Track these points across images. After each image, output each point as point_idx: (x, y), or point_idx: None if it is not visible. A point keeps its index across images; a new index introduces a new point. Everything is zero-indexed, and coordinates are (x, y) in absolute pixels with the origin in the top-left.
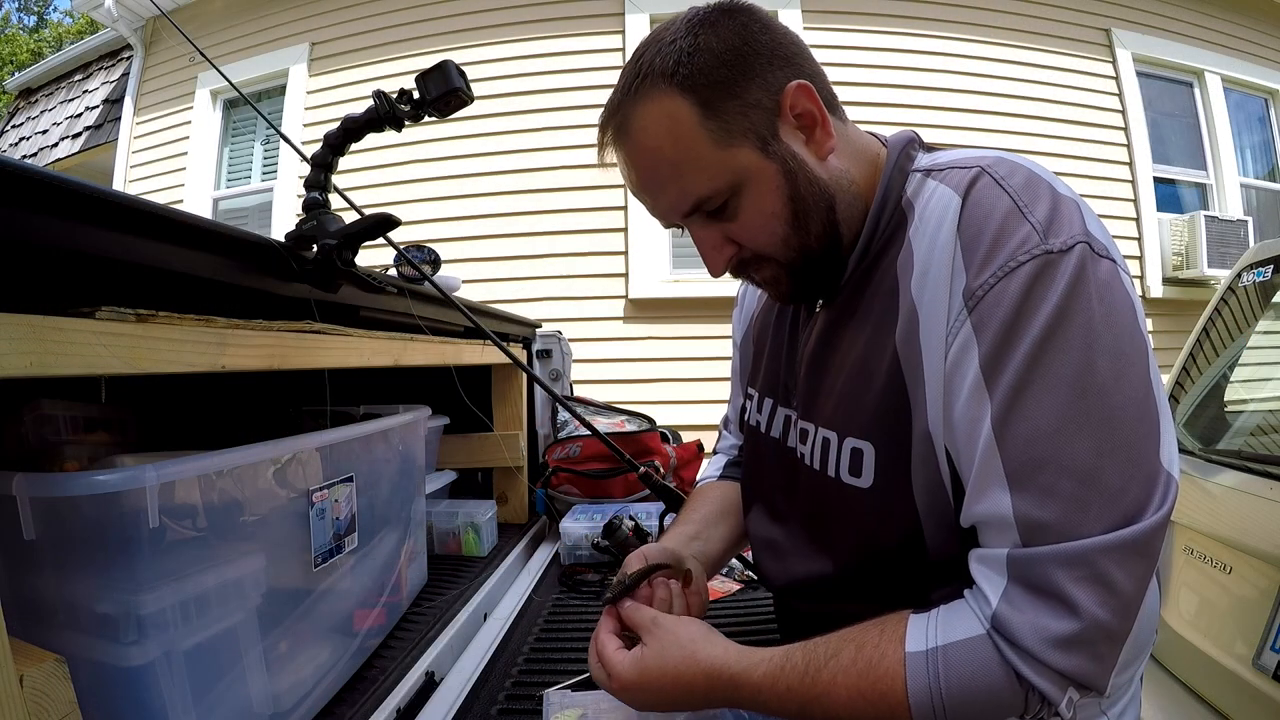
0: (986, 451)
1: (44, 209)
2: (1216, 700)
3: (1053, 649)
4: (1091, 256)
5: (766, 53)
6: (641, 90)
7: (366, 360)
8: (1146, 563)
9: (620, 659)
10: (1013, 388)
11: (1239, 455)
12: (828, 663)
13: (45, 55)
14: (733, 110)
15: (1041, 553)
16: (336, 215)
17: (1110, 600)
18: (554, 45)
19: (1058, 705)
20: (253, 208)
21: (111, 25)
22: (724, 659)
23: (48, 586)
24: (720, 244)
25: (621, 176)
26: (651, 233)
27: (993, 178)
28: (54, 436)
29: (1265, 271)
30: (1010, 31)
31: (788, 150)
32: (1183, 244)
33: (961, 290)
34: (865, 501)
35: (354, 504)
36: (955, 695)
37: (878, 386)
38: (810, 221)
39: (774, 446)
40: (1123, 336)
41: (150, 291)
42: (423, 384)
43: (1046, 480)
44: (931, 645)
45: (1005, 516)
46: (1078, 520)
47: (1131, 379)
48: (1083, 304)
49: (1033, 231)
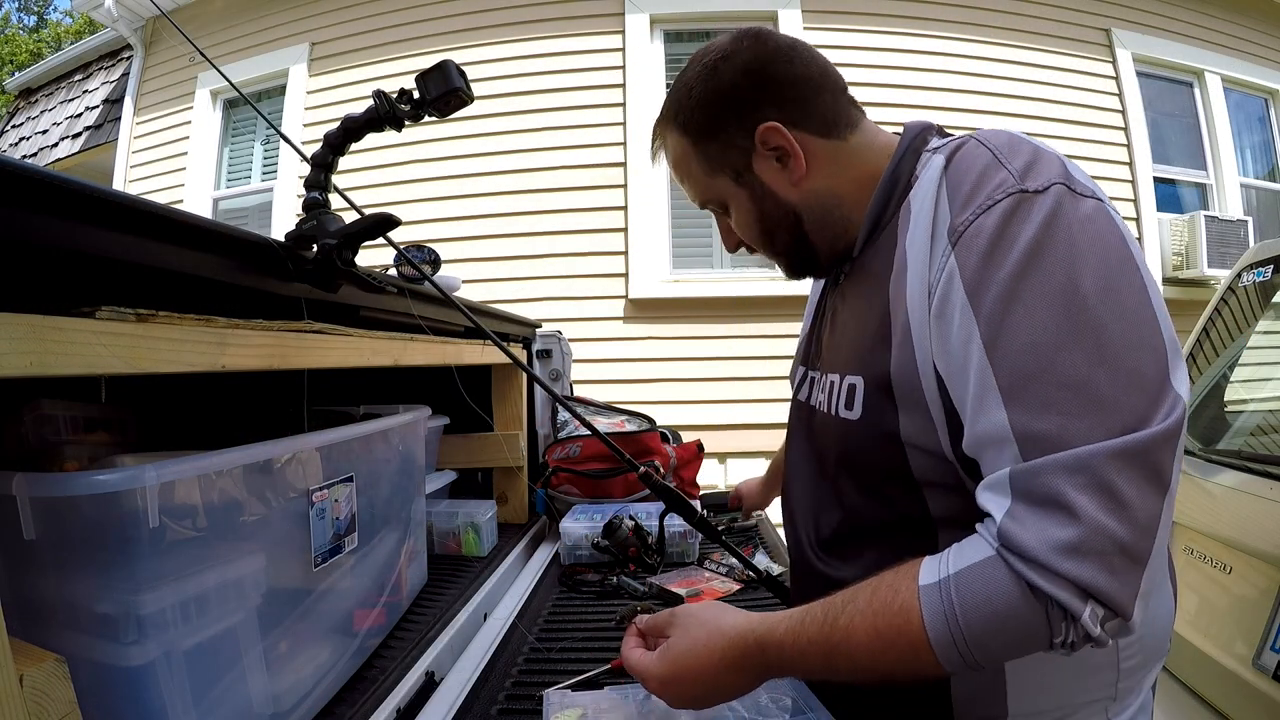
0: (980, 371)
1: (44, 209)
2: (1216, 700)
3: (1060, 555)
4: (1070, 195)
5: (749, 99)
6: (665, 121)
7: (366, 360)
8: (1152, 476)
9: (648, 658)
10: (997, 307)
11: (1239, 455)
12: (845, 608)
13: (45, 55)
14: (713, 149)
15: (1041, 463)
16: (336, 215)
17: (1115, 509)
18: (554, 45)
19: (1080, 616)
20: (253, 208)
21: (111, 25)
22: (747, 624)
23: (48, 586)
24: (729, 231)
25: None
26: (651, 233)
27: (978, 140)
28: (54, 436)
29: (1265, 271)
30: (1010, 31)
31: (758, 180)
32: (1183, 244)
33: (946, 230)
34: (854, 430)
35: (354, 504)
36: (973, 620)
37: (871, 327)
38: (776, 232)
39: (798, 408)
40: (1109, 260)
41: (150, 291)
42: (423, 384)
43: (1040, 391)
44: (944, 575)
45: (1003, 431)
46: (1074, 429)
47: (1122, 298)
48: (1063, 230)
49: (1009, 175)
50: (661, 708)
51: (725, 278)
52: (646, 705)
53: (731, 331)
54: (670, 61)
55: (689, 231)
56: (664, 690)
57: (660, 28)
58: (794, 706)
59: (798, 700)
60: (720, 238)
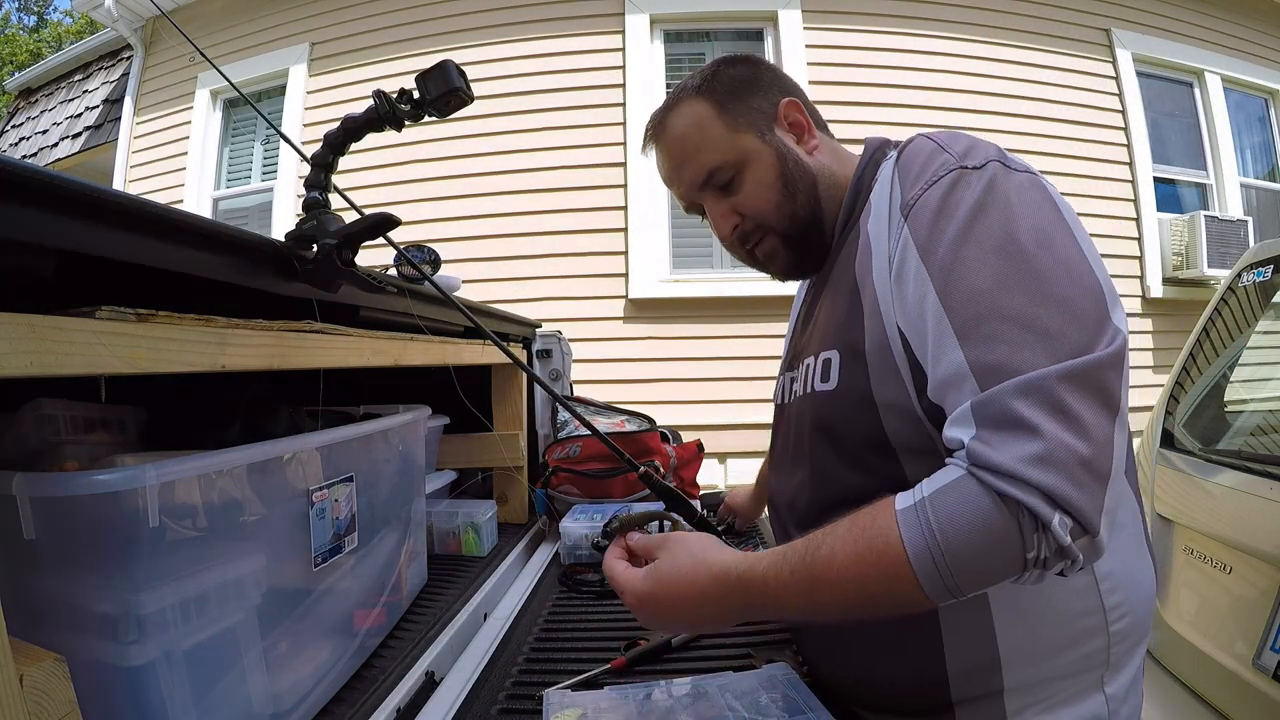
0: (936, 320)
1: (44, 209)
2: (1216, 700)
3: (1027, 465)
4: (1004, 169)
5: (768, 83)
6: (677, 100)
7: (366, 360)
8: (1102, 396)
9: (633, 573)
10: (947, 262)
11: (1239, 455)
12: (825, 539)
13: (45, 55)
14: (740, 110)
15: (998, 389)
16: (336, 215)
17: (1070, 425)
18: (554, 45)
19: (1050, 523)
20: (253, 208)
21: (111, 25)
22: (732, 560)
23: (48, 586)
24: (727, 214)
25: (658, 171)
26: (651, 233)
27: (924, 135)
28: (54, 436)
29: (1265, 271)
30: (1010, 31)
31: (780, 141)
32: (1183, 244)
33: (899, 206)
34: (831, 399)
35: (354, 504)
36: (949, 532)
37: (842, 306)
38: (797, 193)
39: (778, 413)
40: (1042, 217)
41: (150, 291)
42: (423, 384)
43: (990, 329)
44: (919, 499)
45: (961, 368)
46: (1024, 357)
47: (1056, 247)
48: (999, 195)
49: (950, 158)
50: (662, 708)
51: (725, 278)
52: (646, 705)
53: (731, 331)
54: (670, 61)
55: (689, 231)
56: (640, 606)
57: (660, 28)
58: (794, 706)
59: (798, 700)
60: (713, 226)
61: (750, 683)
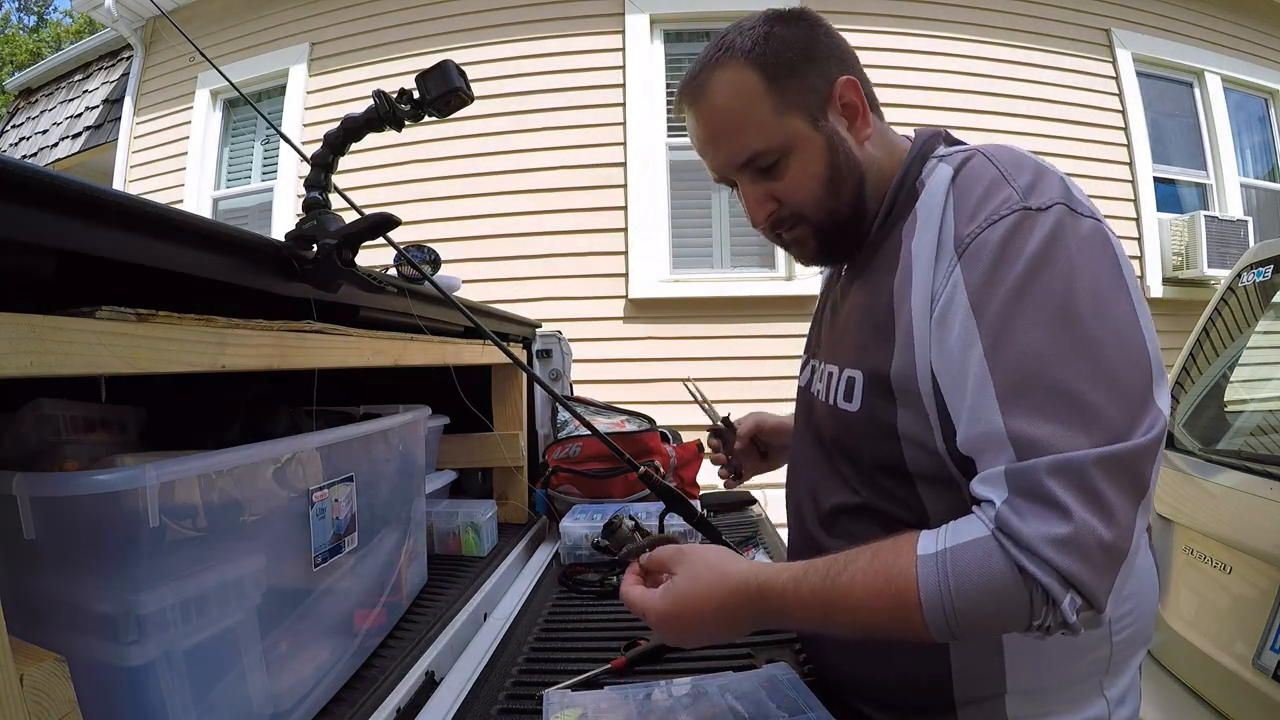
0: (978, 380)
1: (44, 209)
2: (1216, 700)
3: (1051, 547)
4: (1070, 215)
5: (826, 51)
6: (720, 62)
7: (366, 360)
8: (1134, 484)
9: (650, 595)
10: (999, 318)
11: (1239, 455)
12: (846, 566)
13: (45, 55)
14: (792, 87)
15: (1035, 463)
16: (337, 215)
17: (1099, 511)
18: (554, 45)
19: (1060, 602)
20: (253, 208)
21: (111, 25)
22: (751, 570)
23: (48, 586)
24: (764, 199)
25: (689, 134)
26: (651, 233)
27: (985, 156)
28: (54, 436)
29: (1265, 271)
30: (1010, 31)
31: (833, 128)
32: (1183, 244)
33: (952, 240)
34: (853, 422)
35: (354, 504)
36: (964, 591)
37: (872, 323)
38: (843, 188)
39: (801, 394)
40: (1103, 279)
41: (150, 291)
42: (423, 384)
43: (1036, 400)
44: (941, 548)
45: (999, 434)
46: (1065, 435)
47: (1114, 316)
48: (1062, 248)
49: (1014, 193)
50: (662, 708)
51: (725, 278)
52: (646, 705)
53: (731, 331)
54: (670, 61)
55: (689, 231)
56: (662, 624)
57: (660, 28)
58: (794, 706)
59: (798, 700)
60: (746, 209)
61: (750, 683)
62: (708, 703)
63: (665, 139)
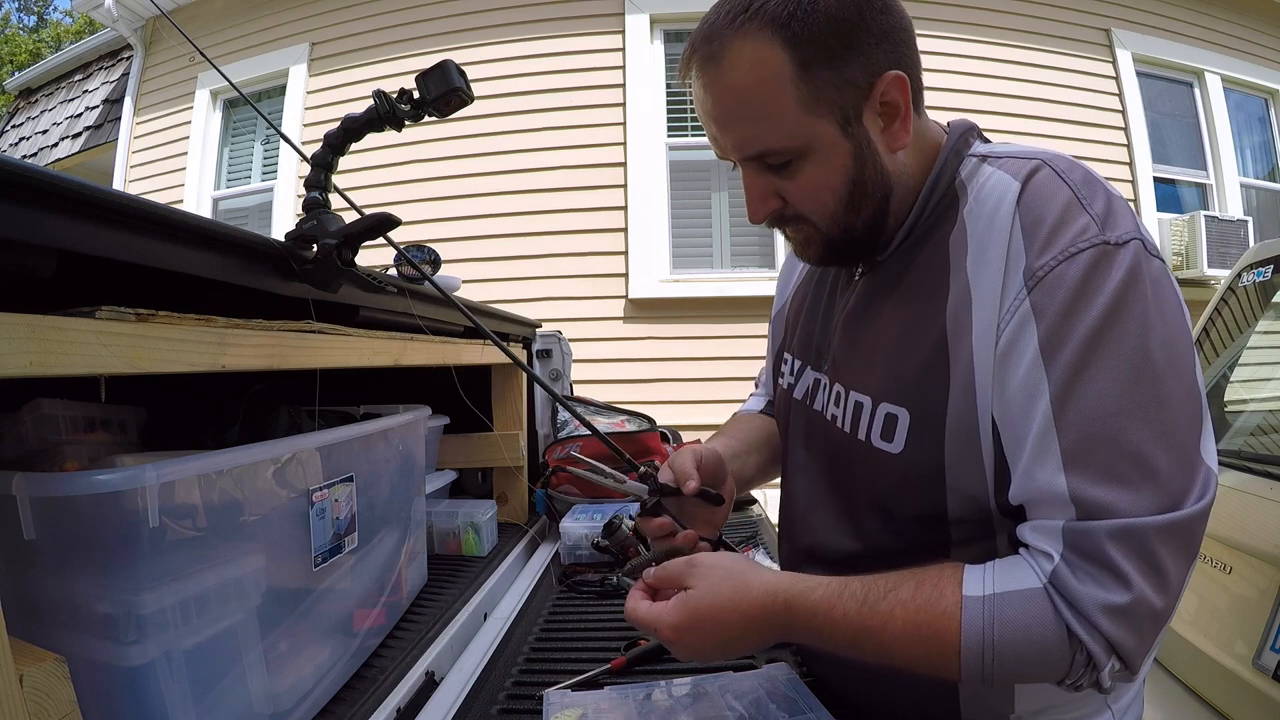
0: (1043, 429)
1: (44, 209)
2: (1216, 700)
3: (1105, 615)
4: (1145, 254)
5: (878, 32)
6: (747, 28)
7: (366, 360)
8: (1189, 549)
9: (659, 610)
10: (1072, 368)
11: (1239, 455)
12: (886, 595)
13: (45, 55)
14: (827, 81)
15: (1097, 526)
16: (337, 215)
17: (1157, 580)
18: (554, 45)
19: (1102, 670)
20: (253, 208)
21: (111, 25)
22: (778, 582)
23: (48, 586)
24: (767, 196)
25: (694, 99)
26: (651, 233)
27: (1053, 169)
28: (54, 436)
29: (1265, 271)
30: (1010, 31)
31: (865, 135)
32: (1183, 244)
33: (1021, 270)
34: (893, 465)
35: (354, 504)
36: (1007, 644)
37: (921, 357)
38: (863, 207)
39: (798, 409)
40: (1174, 328)
41: (150, 291)
42: (423, 384)
43: (1103, 460)
44: (989, 591)
45: (1061, 494)
46: (1129, 499)
47: (1182, 369)
48: (1139, 293)
49: (1091, 222)
50: (662, 708)
51: (725, 278)
52: (646, 705)
53: (731, 331)
54: (670, 62)
55: (688, 231)
56: (678, 637)
57: (660, 28)
58: (794, 706)
59: (798, 700)
60: (746, 198)
61: (750, 683)
62: (708, 703)
63: (665, 139)
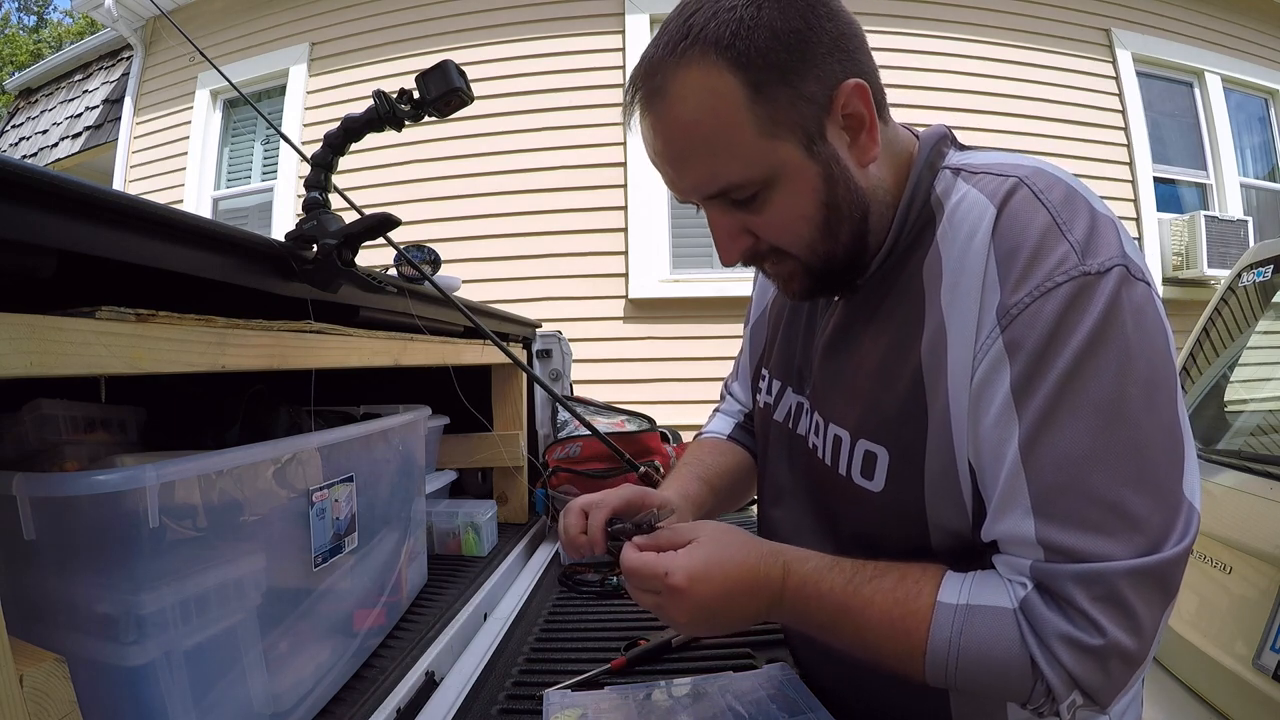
0: (1012, 473)
1: (44, 209)
2: (1216, 700)
3: (1068, 650)
4: (1128, 279)
5: (829, 41)
6: (689, 55)
7: (366, 360)
8: (1165, 594)
9: (670, 555)
10: (1042, 413)
11: (1239, 455)
12: (871, 579)
13: (45, 55)
14: (783, 99)
15: (1063, 569)
16: (337, 215)
17: (1126, 624)
18: (554, 45)
19: (1060, 704)
20: (253, 208)
21: (111, 25)
22: (778, 545)
23: (48, 586)
24: (737, 234)
25: (643, 141)
26: (651, 233)
27: (1031, 190)
28: (54, 436)
29: (1265, 271)
30: (1010, 31)
31: (832, 153)
32: (1183, 244)
33: (995, 306)
34: (875, 503)
35: (354, 504)
36: (970, 656)
37: (898, 394)
38: (840, 230)
39: (780, 431)
40: (1155, 363)
41: (150, 291)
42: (423, 384)
43: (1071, 506)
44: (963, 601)
45: (1028, 539)
46: (1104, 545)
47: (1161, 407)
48: (1118, 330)
49: (1071, 251)
50: (662, 708)
51: (724, 278)
52: (646, 705)
53: (731, 331)
54: None
55: (688, 231)
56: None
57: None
58: (794, 706)
59: (798, 700)
60: (715, 241)
61: (750, 683)
62: (708, 703)
63: None
